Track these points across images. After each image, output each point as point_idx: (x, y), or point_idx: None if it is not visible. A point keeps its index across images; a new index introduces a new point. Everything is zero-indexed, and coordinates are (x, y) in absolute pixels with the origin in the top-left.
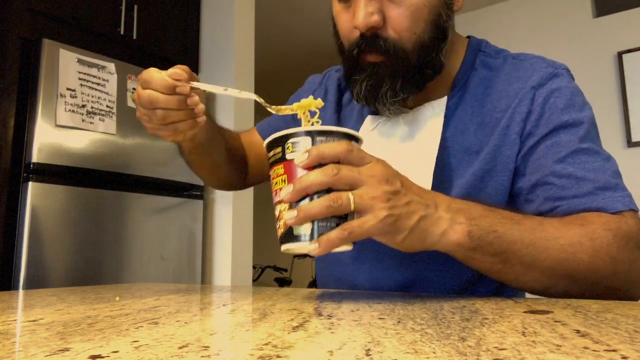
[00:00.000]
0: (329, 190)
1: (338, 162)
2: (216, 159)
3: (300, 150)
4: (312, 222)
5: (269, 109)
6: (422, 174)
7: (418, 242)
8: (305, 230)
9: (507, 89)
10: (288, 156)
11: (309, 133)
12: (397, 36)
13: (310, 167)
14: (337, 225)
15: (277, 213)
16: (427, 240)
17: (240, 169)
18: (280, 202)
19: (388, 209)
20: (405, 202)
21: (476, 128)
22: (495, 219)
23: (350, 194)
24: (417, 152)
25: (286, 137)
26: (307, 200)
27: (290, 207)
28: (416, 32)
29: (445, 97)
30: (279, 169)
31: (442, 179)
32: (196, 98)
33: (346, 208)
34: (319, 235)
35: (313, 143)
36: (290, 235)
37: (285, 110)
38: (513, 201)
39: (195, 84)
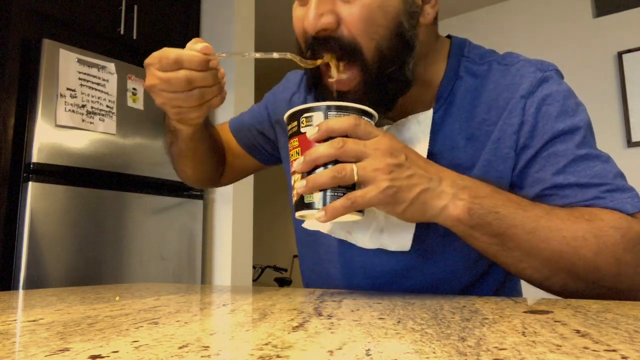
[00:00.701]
0: (338, 163)
1: (348, 136)
2: (206, 147)
3: (313, 124)
4: (323, 191)
5: (302, 65)
6: None
7: (418, 214)
8: (315, 198)
9: (496, 99)
10: (302, 130)
11: (321, 108)
12: (353, 39)
13: (322, 141)
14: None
15: (292, 182)
16: (427, 212)
17: (221, 160)
18: (294, 172)
19: (389, 180)
20: (407, 175)
21: (466, 143)
22: (500, 200)
23: (354, 166)
24: None
25: (301, 112)
26: (318, 171)
27: (302, 177)
28: (374, 37)
29: (431, 111)
30: (295, 141)
31: None
32: (222, 70)
33: (350, 179)
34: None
35: (325, 117)
36: (302, 203)
37: (318, 62)
38: None
39: (225, 54)
